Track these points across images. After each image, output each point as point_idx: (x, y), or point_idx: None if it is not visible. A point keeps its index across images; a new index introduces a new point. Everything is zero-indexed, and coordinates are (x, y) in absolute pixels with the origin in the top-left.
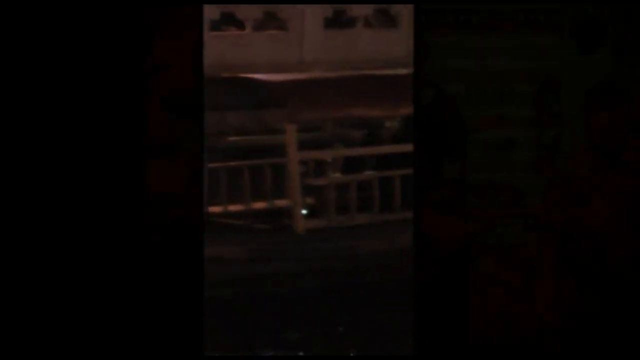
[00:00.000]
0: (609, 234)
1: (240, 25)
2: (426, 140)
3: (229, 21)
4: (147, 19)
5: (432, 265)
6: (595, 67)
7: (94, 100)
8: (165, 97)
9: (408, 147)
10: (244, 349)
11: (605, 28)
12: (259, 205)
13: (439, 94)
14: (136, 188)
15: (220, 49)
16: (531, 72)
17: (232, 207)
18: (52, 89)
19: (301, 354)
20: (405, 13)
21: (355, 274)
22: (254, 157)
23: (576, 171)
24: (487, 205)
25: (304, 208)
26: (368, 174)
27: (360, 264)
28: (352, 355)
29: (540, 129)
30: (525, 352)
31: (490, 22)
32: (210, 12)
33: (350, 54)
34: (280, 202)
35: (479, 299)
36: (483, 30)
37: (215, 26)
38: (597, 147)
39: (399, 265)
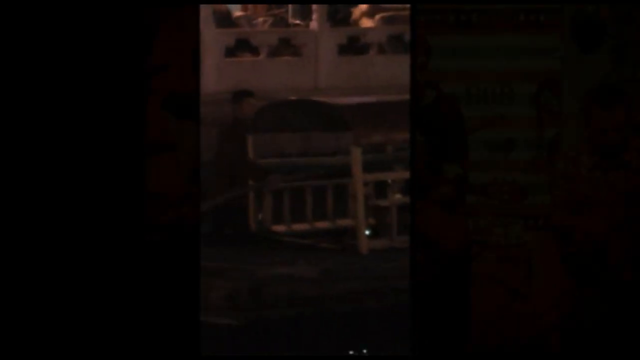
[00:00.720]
0: (609, 234)
1: (255, 51)
2: (426, 140)
3: (244, 47)
4: (147, 19)
5: (432, 265)
6: (595, 67)
7: (94, 100)
8: (166, 98)
9: None
10: None
11: (605, 28)
12: (322, 224)
13: (439, 94)
14: (136, 187)
15: (236, 75)
16: (531, 72)
17: (296, 226)
18: (52, 90)
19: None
20: None
21: None
22: (316, 178)
23: (576, 171)
24: (487, 205)
25: (367, 229)
26: None
27: None
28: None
29: (540, 129)
30: (525, 352)
31: (490, 22)
32: (226, 39)
33: (364, 80)
34: (342, 222)
35: (479, 299)
36: (483, 30)
37: (230, 52)
38: (597, 147)
39: None
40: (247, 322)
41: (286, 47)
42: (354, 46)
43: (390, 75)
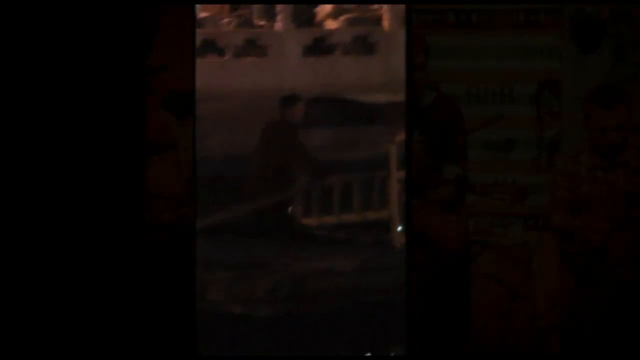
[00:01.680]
0: (609, 234)
1: (220, 52)
2: (426, 140)
3: (210, 48)
4: (147, 19)
5: (431, 265)
6: (595, 67)
7: (94, 100)
8: (166, 97)
9: None
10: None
11: (605, 28)
12: (349, 218)
13: (438, 94)
14: (136, 187)
15: (201, 75)
16: (531, 72)
17: (326, 219)
18: (52, 90)
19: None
20: (382, 41)
21: None
22: (346, 173)
23: (576, 171)
24: (487, 205)
25: (400, 224)
26: None
27: None
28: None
29: (540, 129)
30: (525, 352)
31: (490, 22)
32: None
33: (329, 80)
34: (370, 216)
35: (479, 299)
36: (483, 30)
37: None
38: (597, 147)
39: None
40: (288, 314)
41: (252, 47)
42: (319, 47)
43: (355, 75)
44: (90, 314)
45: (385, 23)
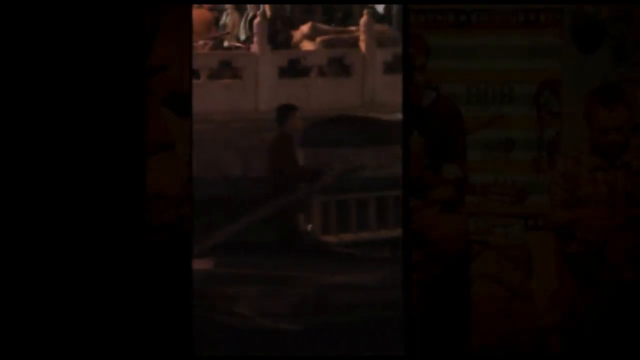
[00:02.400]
0: (609, 234)
1: (195, 74)
2: (426, 140)
3: (296, 67)
4: (147, 19)
5: (431, 265)
6: (595, 67)
7: (94, 100)
8: (166, 97)
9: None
10: None
11: (605, 28)
12: (365, 235)
13: (438, 94)
14: (136, 186)
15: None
16: (531, 72)
17: (343, 236)
18: (53, 90)
19: None
20: (358, 63)
21: None
22: (362, 191)
23: (576, 171)
24: (487, 205)
25: None
26: None
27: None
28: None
29: (540, 129)
30: (525, 352)
31: (490, 22)
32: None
33: (304, 101)
34: (384, 233)
35: (479, 299)
36: (483, 30)
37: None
38: (597, 147)
39: None
40: (312, 327)
41: (227, 69)
42: (294, 69)
43: (330, 96)
44: (90, 313)
45: (362, 45)
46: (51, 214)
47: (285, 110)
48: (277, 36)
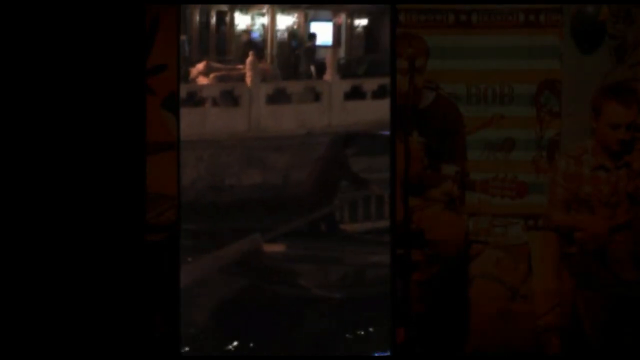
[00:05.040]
0: (609, 234)
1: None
2: (426, 140)
3: (194, 98)
4: (147, 20)
5: (431, 265)
6: (595, 67)
7: (94, 100)
8: (166, 97)
9: None
10: None
11: (605, 28)
12: (381, 224)
13: (438, 94)
14: (137, 186)
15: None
16: (531, 72)
17: (365, 225)
18: (53, 90)
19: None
20: (245, 95)
21: None
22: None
23: (577, 171)
24: (487, 205)
25: None
26: None
27: None
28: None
29: (540, 129)
30: (525, 352)
31: (490, 22)
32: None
33: (200, 128)
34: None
35: (479, 299)
36: (483, 30)
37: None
38: (604, 144)
39: None
40: (352, 296)
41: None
42: (192, 100)
43: (222, 124)
44: (90, 311)
45: (248, 80)
46: (51, 214)
47: (346, 139)
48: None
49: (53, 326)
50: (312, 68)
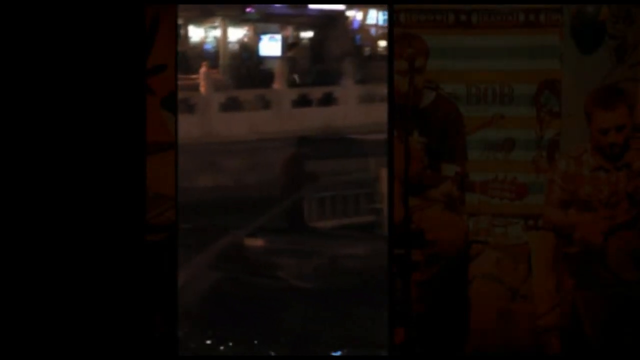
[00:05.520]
0: (609, 234)
1: None
2: (426, 140)
3: None
4: (147, 20)
5: (431, 265)
6: (595, 67)
7: (94, 100)
8: (165, 97)
9: None
10: None
11: (605, 28)
12: (346, 220)
13: (438, 94)
14: (137, 186)
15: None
16: (531, 72)
17: (331, 222)
18: (53, 90)
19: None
20: (200, 103)
21: None
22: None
23: (577, 171)
24: (487, 205)
25: None
26: None
27: None
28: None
29: (540, 129)
30: (525, 353)
31: (490, 22)
32: None
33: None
34: (362, 220)
35: (479, 299)
36: (483, 30)
37: None
38: (597, 147)
39: None
40: (326, 286)
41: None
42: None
43: (179, 129)
44: (90, 311)
45: (202, 89)
46: (51, 214)
47: (303, 140)
48: None
49: (53, 326)
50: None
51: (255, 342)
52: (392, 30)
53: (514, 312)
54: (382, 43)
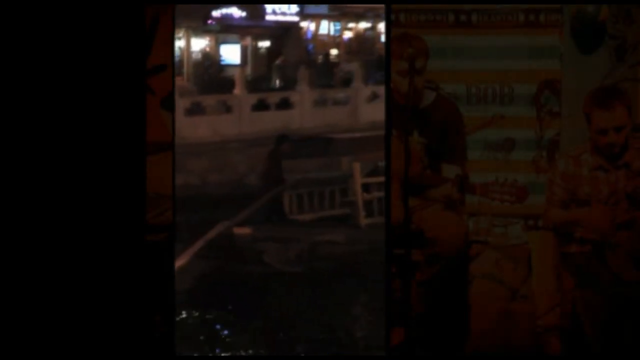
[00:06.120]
0: (609, 234)
1: None
2: (426, 140)
3: None
4: (147, 19)
5: (431, 265)
6: (595, 67)
7: (94, 100)
8: (165, 97)
9: None
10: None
11: (605, 28)
12: (325, 213)
13: (438, 94)
14: (137, 186)
15: None
16: (531, 72)
17: (310, 215)
18: (53, 90)
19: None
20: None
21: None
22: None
23: (577, 171)
24: (487, 205)
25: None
26: None
27: None
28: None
29: (540, 129)
30: (525, 353)
31: (490, 22)
32: None
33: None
34: (337, 212)
35: (479, 299)
36: (483, 30)
37: None
38: (597, 147)
39: None
40: (308, 269)
41: None
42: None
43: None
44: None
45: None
46: (51, 214)
47: (282, 139)
48: None
49: (53, 326)
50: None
51: (242, 319)
52: (389, 30)
53: (514, 312)
54: (334, 51)
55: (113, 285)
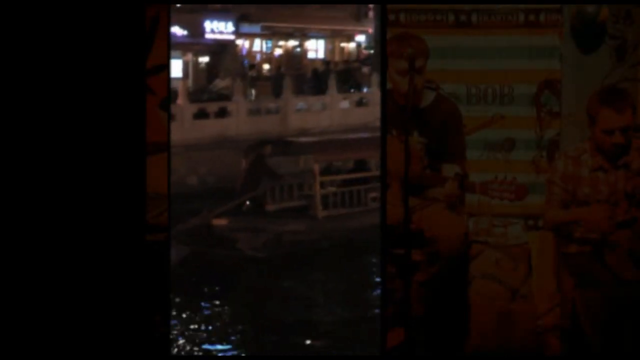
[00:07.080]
0: (609, 234)
1: None
2: (426, 140)
3: None
4: (147, 19)
5: (431, 265)
6: (595, 67)
7: (94, 100)
8: (165, 97)
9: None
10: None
11: (605, 28)
12: (291, 204)
13: (438, 94)
14: (137, 187)
15: None
16: (531, 72)
17: (278, 205)
18: (53, 90)
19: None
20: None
21: (349, 238)
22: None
23: (577, 171)
24: (487, 205)
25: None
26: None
27: (352, 235)
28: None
29: (540, 129)
30: (525, 352)
31: (490, 22)
32: None
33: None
34: (299, 204)
35: (479, 299)
36: (483, 30)
37: None
38: (599, 148)
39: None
40: (274, 255)
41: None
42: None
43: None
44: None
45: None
46: (51, 214)
47: (264, 143)
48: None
49: (53, 326)
50: None
51: (218, 301)
52: (384, 30)
53: (514, 312)
54: (266, 66)
55: (114, 285)
